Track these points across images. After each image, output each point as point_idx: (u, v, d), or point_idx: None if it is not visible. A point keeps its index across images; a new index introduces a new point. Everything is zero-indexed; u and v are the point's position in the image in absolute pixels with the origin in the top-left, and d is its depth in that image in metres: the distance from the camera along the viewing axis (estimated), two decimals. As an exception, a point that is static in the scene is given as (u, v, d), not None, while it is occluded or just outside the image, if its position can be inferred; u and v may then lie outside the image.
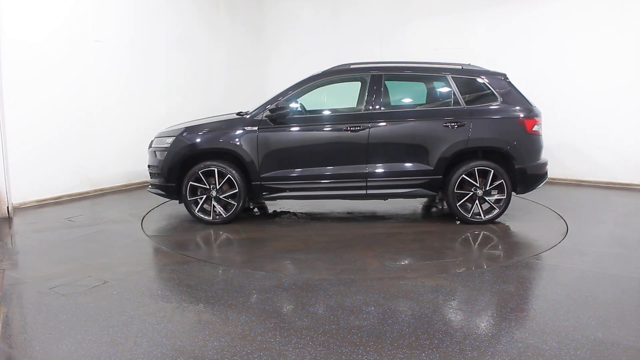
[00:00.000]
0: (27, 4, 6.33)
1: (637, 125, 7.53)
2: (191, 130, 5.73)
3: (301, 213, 6.35)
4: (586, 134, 7.90)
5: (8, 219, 5.83)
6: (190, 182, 5.59)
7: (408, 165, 5.52)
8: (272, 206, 6.61)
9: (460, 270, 4.19)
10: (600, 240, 5.16)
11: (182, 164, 5.62)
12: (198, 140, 5.64)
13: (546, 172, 5.69)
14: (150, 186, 5.94)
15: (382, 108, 5.57)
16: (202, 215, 5.66)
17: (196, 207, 5.65)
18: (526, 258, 4.51)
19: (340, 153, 5.55)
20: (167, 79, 8.43)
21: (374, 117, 5.52)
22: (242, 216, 6.06)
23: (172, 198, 5.84)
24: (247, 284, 3.93)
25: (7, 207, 5.90)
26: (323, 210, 6.41)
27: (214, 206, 5.64)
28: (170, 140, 5.69)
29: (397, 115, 5.65)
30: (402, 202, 6.59)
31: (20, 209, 6.30)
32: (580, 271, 4.17)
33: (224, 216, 5.63)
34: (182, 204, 5.79)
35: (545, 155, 5.72)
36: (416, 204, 6.58)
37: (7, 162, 5.93)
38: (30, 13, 6.38)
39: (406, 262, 4.47)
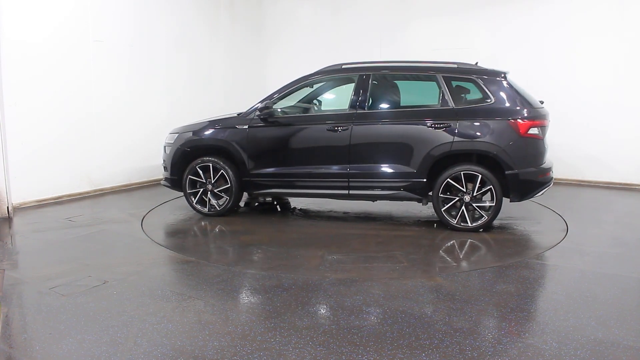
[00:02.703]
0: (27, 4, 6.32)
1: (638, 125, 7.53)
2: (191, 127, 6.14)
3: (299, 210, 6.44)
4: (587, 133, 7.89)
5: (8, 219, 5.83)
6: (190, 176, 5.95)
7: (390, 166, 5.40)
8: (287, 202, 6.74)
9: (395, 278, 4.02)
10: (600, 240, 5.16)
11: (184, 159, 6.01)
12: (195, 137, 6.02)
13: (546, 180, 5.25)
14: (163, 179, 6.38)
15: (366, 109, 5.53)
16: (199, 207, 6.00)
17: (194, 199, 5.99)
18: (526, 258, 4.51)
19: (323, 153, 5.59)
20: (167, 79, 8.43)
21: (356, 118, 5.49)
22: (242, 210, 6.33)
23: (176, 190, 6.17)
24: (247, 284, 3.93)
25: (7, 207, 5.89)
26: (322, 209, 6.43)
27: (209, 199, 5.95)
28: (175, 136, 6.12)
29: (379, 115, 5.58)
30: (411, 205, 6.40)
31: (20, 209, 6.30)
32: (580, 271, 4.17)
33: (218, 209, 5.92)
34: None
35: (548, 161, 5.38)
36: (425, 208, 6.38)
37: (7, 162, 5.93)
38: (31, 13, 6.38)
39: (346, 263, 4.40)
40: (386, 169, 5.43)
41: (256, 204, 6.63)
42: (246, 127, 5.78)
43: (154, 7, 8.11)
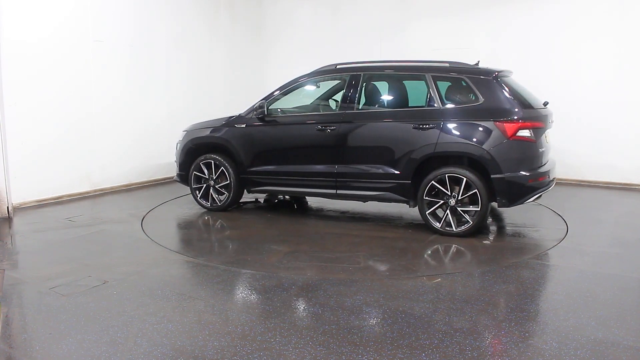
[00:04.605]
0: (27, 4, 6.32)
1: (638, 125, 7.53)
2: (198, 125, 6.43)
3: (300, 208, 6.58)
4: (587, 133, 7.88)
5: (8, 219, 5.83)
6: (194, 172, 6.21)
7: (375, 167, 5.33)
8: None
9: (341, 278, 4.00)
10: (600, 240, 5.15)
11: (190, 156, 6.28)
12: (200, 134, 6.27)
13: (539, 185, 4.99)
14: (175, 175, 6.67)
15: (354, 109, 5.51)
16: (202, 202, 6.26)
17: (199, 194, 6.25)
18: (526, 258, 4.51)
19: (313, 152, 5.65)
20: (167, 78, 8.43)
21: (344, 118, 5.49)
22: (248, 206, 6.62)
23: (185, 184, 6.42)
24: (247, 284, 3.93)
25: (7, 207, 5.89)
26: (324, 208, 6.49)
27: (211, 194, 6.18)
28: (184, 134, 6.44)
29: (366, 116, 5.55)
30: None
31: (20, 209, 6.29)
32: (580, 271, 4.17)
33: (219, 204, 6.15)
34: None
35: (547, 164, 5.20)
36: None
37: (7, 162, 5.93)
38: (31, 13, 6.38)
39: (304, 261, 4.44)
40: (372, 169, 5.37)
41: (275, 200, 6.84)
42: (244, 125, 5.96)
43: (154, 7, 8.10)
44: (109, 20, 7.38)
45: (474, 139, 4.94)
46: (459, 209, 5.02)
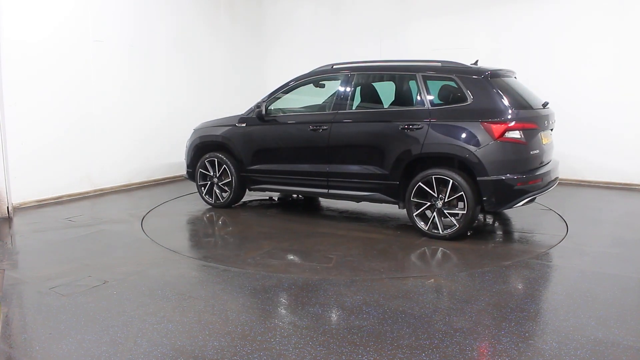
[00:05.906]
0: (27, 4, 6.32)
1: (638, 125, 7.52)
2: (205, 124, 6.62)
3: (307, 206, 6.66)
4: (587, 133, 7.87)
5: (8, 219, 5.83)
6: (200, 170, 6.40)
7: (364, 168, 5.32)
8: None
9: (306, 276, 4.02)
10: (600, 240, 5.15)
11: (197, 154, 6.48)
12: (205, 133, 6.45)
13: (529, 188, 4.84)
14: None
15: (346, 109, 5.53)
16: (207, 198, 6.45)
17: (204, 190, 6.43)
18: (526, 258, 4.51)
19: (306, 151, 5.70)
20: (167, 78, 8.43)
21: (335, 118, 5.51)
22: (253, 204, 6.77)
23: (193, 181, 6.59)
24: (247, 284, 3.93)
25: (7, 207, 5.89)
26: (326, 206, 6.56)
27: (215, 191, 6.34)
28: (192, 132, 6.64)
29: (355, 116, 5.54)
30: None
31: (20, 209, 6.29)
32: (580, 271, 4.17)
33: (221, 201, 6.32)
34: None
35: (544, 168, 5.10)
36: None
37: (7, 162, 5.93)
38: (31, 13, 6.38)
39: (278, 258, 4.52)
40: (361, 170, 5.36)
41: (289, 199, 6.97)
42: (244, 125, 6.08)
43: (153, 7, 8.10)
44: (109, 20, 7.38)
45: (461, 140, 4.82)
46: (445, 211, 4.92)
